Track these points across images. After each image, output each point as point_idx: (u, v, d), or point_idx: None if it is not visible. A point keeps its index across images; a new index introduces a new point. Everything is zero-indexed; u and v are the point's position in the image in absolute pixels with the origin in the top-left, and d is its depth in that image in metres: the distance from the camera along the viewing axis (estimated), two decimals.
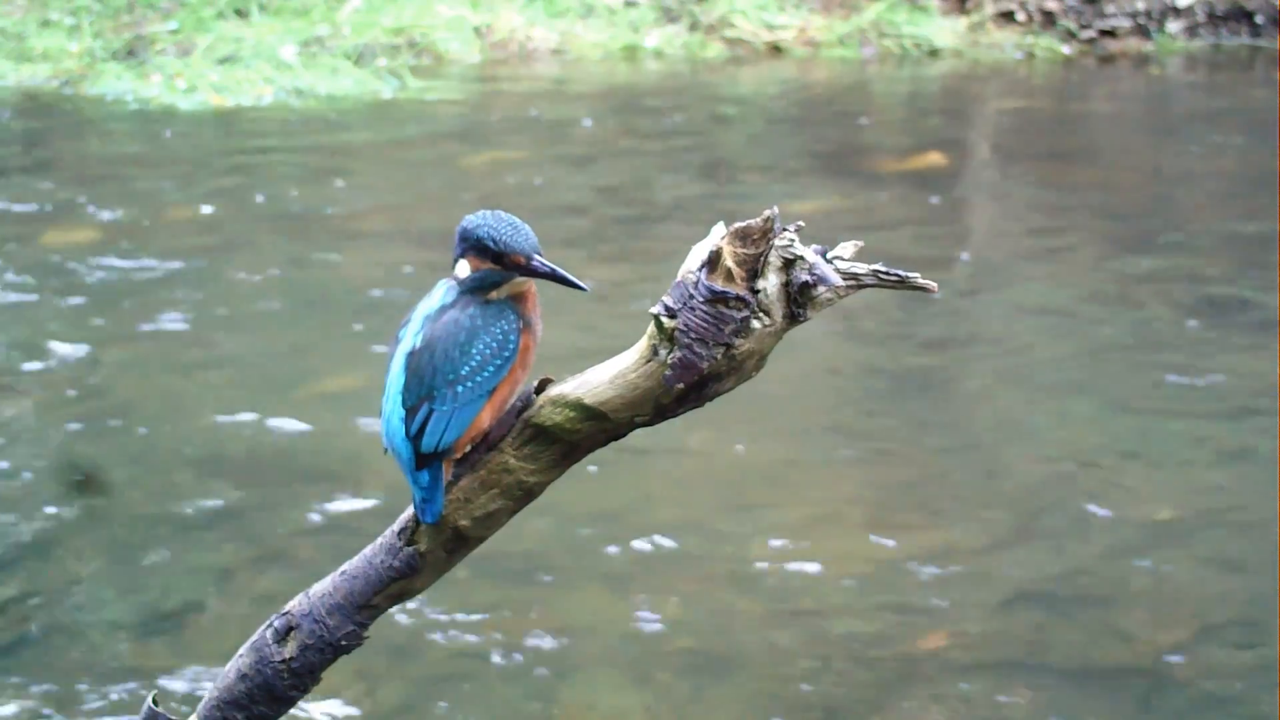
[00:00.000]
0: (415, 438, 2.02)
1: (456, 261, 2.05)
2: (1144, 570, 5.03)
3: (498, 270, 2.02)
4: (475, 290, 2.04)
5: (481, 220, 2.03)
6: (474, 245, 2.02)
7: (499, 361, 2.01)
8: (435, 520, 2.04)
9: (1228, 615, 4.77)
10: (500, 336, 2.02)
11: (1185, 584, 4.96)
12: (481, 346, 2.01)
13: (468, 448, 2.05)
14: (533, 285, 2.06)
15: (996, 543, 5.22)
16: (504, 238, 2.01)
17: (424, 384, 2.02)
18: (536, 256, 2.02)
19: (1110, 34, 13.61)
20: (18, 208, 8.91)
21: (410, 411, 2.03)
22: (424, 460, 2.02)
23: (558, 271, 2.04)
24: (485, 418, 2.02)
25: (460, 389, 2.01)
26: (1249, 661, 4.55)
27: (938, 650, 4.60)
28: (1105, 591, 4.91)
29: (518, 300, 2.05)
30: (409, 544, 2.07)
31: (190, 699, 4.16)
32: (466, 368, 2.01)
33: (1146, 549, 5.16)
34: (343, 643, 2.09)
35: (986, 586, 4.94)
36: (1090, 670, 4.51)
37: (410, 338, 2.05)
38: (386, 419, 2.04)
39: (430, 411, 2.01)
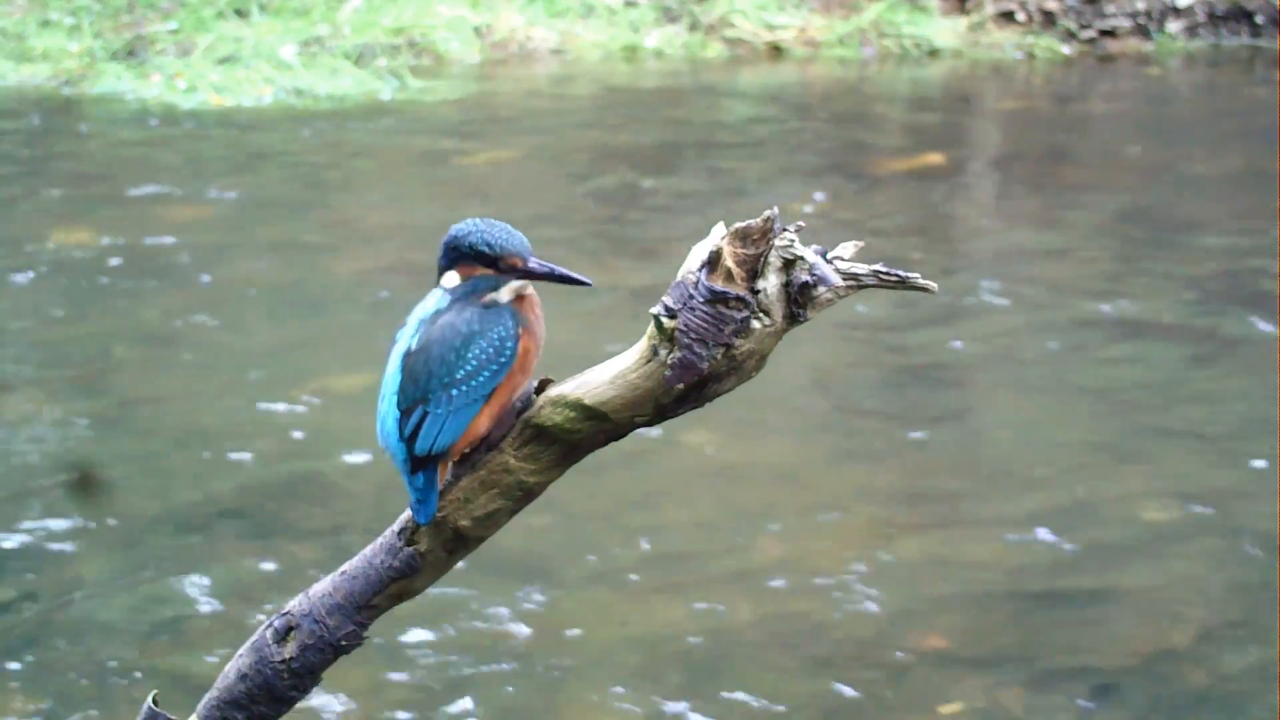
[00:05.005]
0: (409, 440, 2.00)
1: (444, 273, 2.03)
2: (1144, 570, 5.03)
3: (492, 275, 2.01)
4: (470, 296, 2.02)
5: (472, 227, 2.01)
6: (465, 253, 2.00)
7: (495, 366, 1.99)
8: (429, 521, 2.03)
9: (1228, 615, 4.77)
10: (498, 341, 1.99)
11: (1185, 584, 4.96)
12: (478, 351, 1.99)
13: (465, 450, 2.04)
14: (531, 287, 2.05)
15: (997, 543, 5.22)
16: (499, 241, 1.99)
17: (419, 386, 2.00)
18: (533, 257, 2.01)
19: (1110, 34, 13.60)
20: (18, 208, 8.90)
21: (405, 413, 2.01)
22: (419, 463, 2.00)
23: (556, 270, 2.02)
24: (483, 422, 2.00)
25: (456, 392, 1.99)
26: (1249, 661, 4.54)
27: (938, 651, 4.60)
28: (1105, 592, 4.90)
29: (517, 303, 2.03)
30: (409, 544, 2.06)
31: (190, 699, 4.15)
32: (462, 371, 1.99)
33: (1147, 549, 5.16)
34: (343, 643, 2.09)
35: (986, 586, 4.94)
36: (1090, 670, 4.51)
37: (406, 339, 2.03)
38: (382, 419, 2.03)
39: (425, 414, 1.99)
